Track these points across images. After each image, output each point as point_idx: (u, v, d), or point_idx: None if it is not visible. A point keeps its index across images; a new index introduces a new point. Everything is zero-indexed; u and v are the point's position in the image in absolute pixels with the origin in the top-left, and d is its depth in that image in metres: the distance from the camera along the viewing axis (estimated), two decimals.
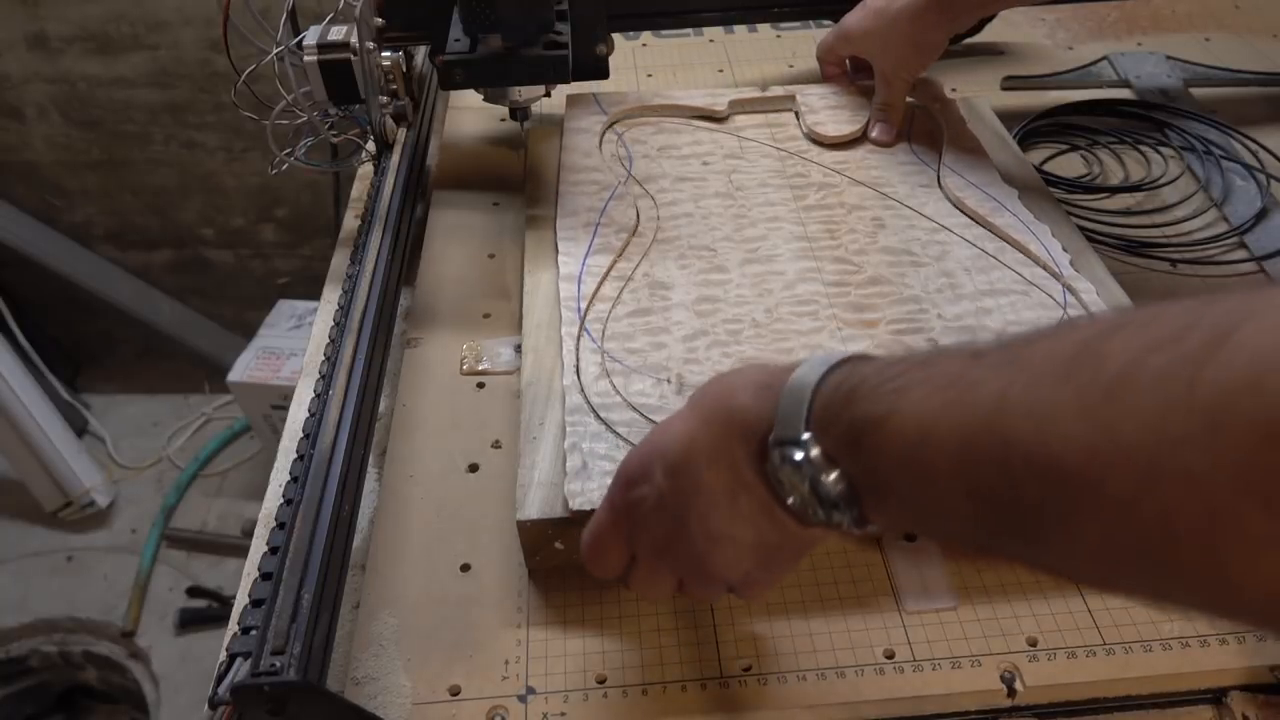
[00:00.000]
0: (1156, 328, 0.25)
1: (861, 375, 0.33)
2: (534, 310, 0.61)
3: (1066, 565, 0.29)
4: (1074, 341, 0.27)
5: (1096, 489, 0.25)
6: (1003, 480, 0.28)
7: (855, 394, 0.33)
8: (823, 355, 0.35)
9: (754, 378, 0.38)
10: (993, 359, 0.30)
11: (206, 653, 1.62)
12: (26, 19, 1.65)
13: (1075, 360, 0.27)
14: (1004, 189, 0.69)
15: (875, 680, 0.45)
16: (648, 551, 0.42)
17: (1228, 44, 0.96)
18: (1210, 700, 0.45)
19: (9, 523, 1.83)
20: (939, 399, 0.30)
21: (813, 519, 0.35)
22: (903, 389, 0.31)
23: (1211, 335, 0.24)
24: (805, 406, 0.34)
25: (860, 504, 0.33)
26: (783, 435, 0.34)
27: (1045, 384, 0.27)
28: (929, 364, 0.32)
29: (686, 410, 0.40)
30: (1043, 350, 0.28)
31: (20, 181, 1.85)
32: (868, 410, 0.32)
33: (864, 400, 0.32)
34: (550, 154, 0.75)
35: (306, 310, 1.76)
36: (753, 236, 0.66)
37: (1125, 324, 0.27)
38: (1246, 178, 0.78)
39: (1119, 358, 0.25)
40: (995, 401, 0.28)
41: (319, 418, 0.50)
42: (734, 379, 0.39)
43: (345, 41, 0.65)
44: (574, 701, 0.45)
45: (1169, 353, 0.24)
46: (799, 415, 0.34)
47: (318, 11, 0.71)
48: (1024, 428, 0.27)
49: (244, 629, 0.40)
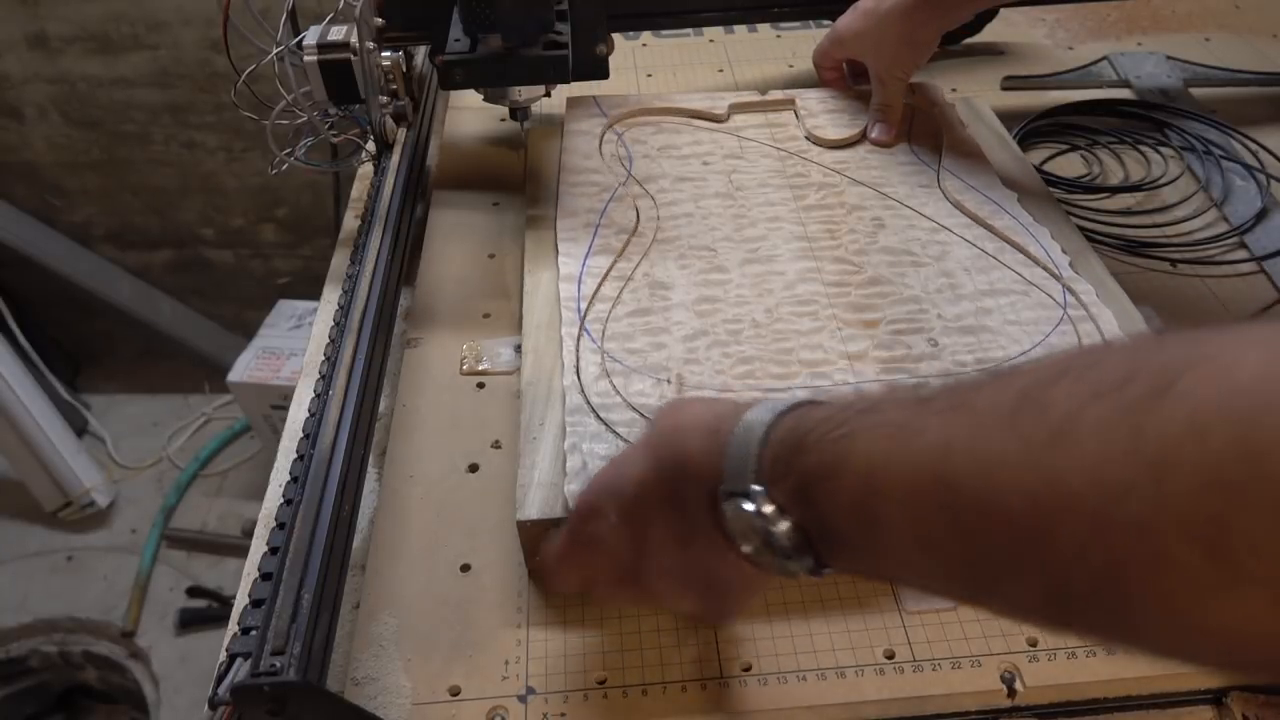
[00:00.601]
0: (1098, 375, 0.26)
1: (809, 424, 0.33)
2: (534, 310, 0.61)
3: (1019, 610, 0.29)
4: (1018, 389, 0.27)
5: (1044, 538, 0.26)
6: (951, 528, 0.28)
7: (803, 444, 0.33)
8: (769, 401, 0.35)
9: (703, 420, 0.38)
10: (938, 405, 0.30)
11: (206, 653, 1.62)
12: (26, 19, 1.65)
13: (1019, 408, 0.27)
14: (1003, 192, 0.69)
15: (875, 680, 0.45)
16: (604, 581, 0.43)
17: (1228, 44, 0.96)
18: (1210, 700, 0.45)
19: (9, 523, 1.83)
20: (885, 447, 0.30)
21: (768, 567, 0.35)
22: (850, 436, 0.31)
23: (1153, 385, 0.24)
24: (754, 457, 0.34)
25: (814, 552, 0.33)
26: (732, 487, 0.34)
27: (990, 432, 0.27)
28: (875, 410, 0.32)
29: (641, 448, 0.40)
30: (987, 397, 0.28)
31: (20, 181, 1.85)
32: (816, 461, 0.32)
33: (812, 450, 0.32)
34: (550, 154, 0.75)
35: (306, 310, 1.76)
36: (753, 236, 0.66)
37: (1067, 370, 0.27)
38: (1246, 178, 0.78)
39: (1062, 406, 0.26)
40: (940, 449, 0.28)
41: (319, 418, 0.50)
42: (684, 417, 0.39)
43: (345, 41, 0.65)
44: (574, 701, 0.45)
45: (1112, 401, 0.25)
46: (747, 466, 0.34)
47: (318, 11, 0.71)
48: (969, 475, 0.27)
49: (244, 629, 0.40)
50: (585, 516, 0.42)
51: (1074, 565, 0.25)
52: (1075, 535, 0.25)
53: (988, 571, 0.28)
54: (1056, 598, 0.26)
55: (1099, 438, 0.24)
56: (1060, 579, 0.26)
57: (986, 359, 0.56)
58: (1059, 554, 0.25)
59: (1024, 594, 0.27)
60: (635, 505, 0.39)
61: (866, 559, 0.33)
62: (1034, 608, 0.28)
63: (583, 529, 0.42)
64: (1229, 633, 0.23)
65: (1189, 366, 0.24)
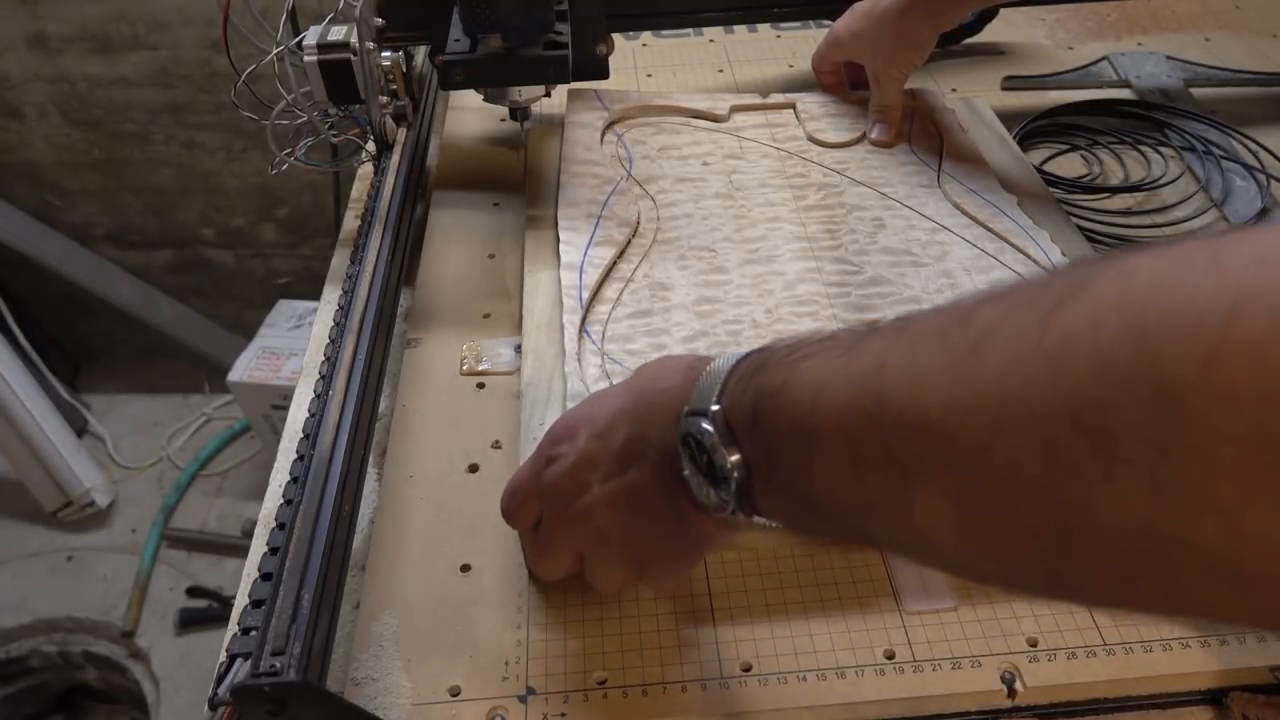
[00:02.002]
0: (1021, 292, 0.27)
1: (772, 349, 0.35)
2: (534, 310, 0.61)
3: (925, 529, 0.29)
4: (951, 312, 0.29)
5: (953, 438, 0.27)
6: (876, 437, 0.29)
7: (764, 365, 0.34)
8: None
9: (686, 361, 0.40)
10: (885, 329, 0.31)
11: (206, 653, 1.62)
12: (26, 19, 1.65)
13: (949, 326, 0.28)
14: (1003, 195, 0.69)
15: (875, 680, 0.45)
16: (552, 512, 0.43)
17: (1228, 44, 0.96)
18: (1210, 700, 0.45)
19: (9, 523, 1.83)
20: (830, 367, 0.32)
21: (699, 497, 0.36)
22: (803, 357, 0.33)
23: (1064, 293, 0.25)
24: (720, 381, 0.36)
25: (751, 488, 0.34)
26: (695, 406, 0.36)
27: (920, 348, 0.29)
28: (830, 338, 0.33)
29: (622, 385, 0.43)
30: (925, 320, 0.30)
31: (20, 181, 1.85)
32: (768, 380, 0.34)
33: (768, 371, 0.34)
34: (551, 154, 0.75)
35: (306, 310, 1.76)
36: (753, 237, 0.66)
37: (997, 293, 0.28)
38: (1246, 178, 0.78)
39: (985, 318, 0.27)
40: (877, 365, 0.30)
41: (319, 418, 0.50)
42: (669, 361, 0.42)
43: (345, 41, 0.65)
44: (574, 701, 0.45)
45: (1027, 310, 0.26)
46: (713, 389, 0.36)
47: (318, 11, 0.71)
48: (898, 386, 0.29)
49: (244, 629, 0.40)
50: (554, 441, 0.43)
51: (977, 465, 0.26)
52: (980, 434, 0.26)
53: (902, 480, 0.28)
54: (962, 505, 0.27)
55: (1009, 341, 0.26)
56: (965, 482, 0.27)
57: None
58: (965, 454, 0.26)
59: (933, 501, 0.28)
60: (606, 428, 0.41)
61: (800, 486, 0.33)
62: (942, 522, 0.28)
63: (547, 452, 0.43)
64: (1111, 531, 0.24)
65: (1096, 274, 0.25)
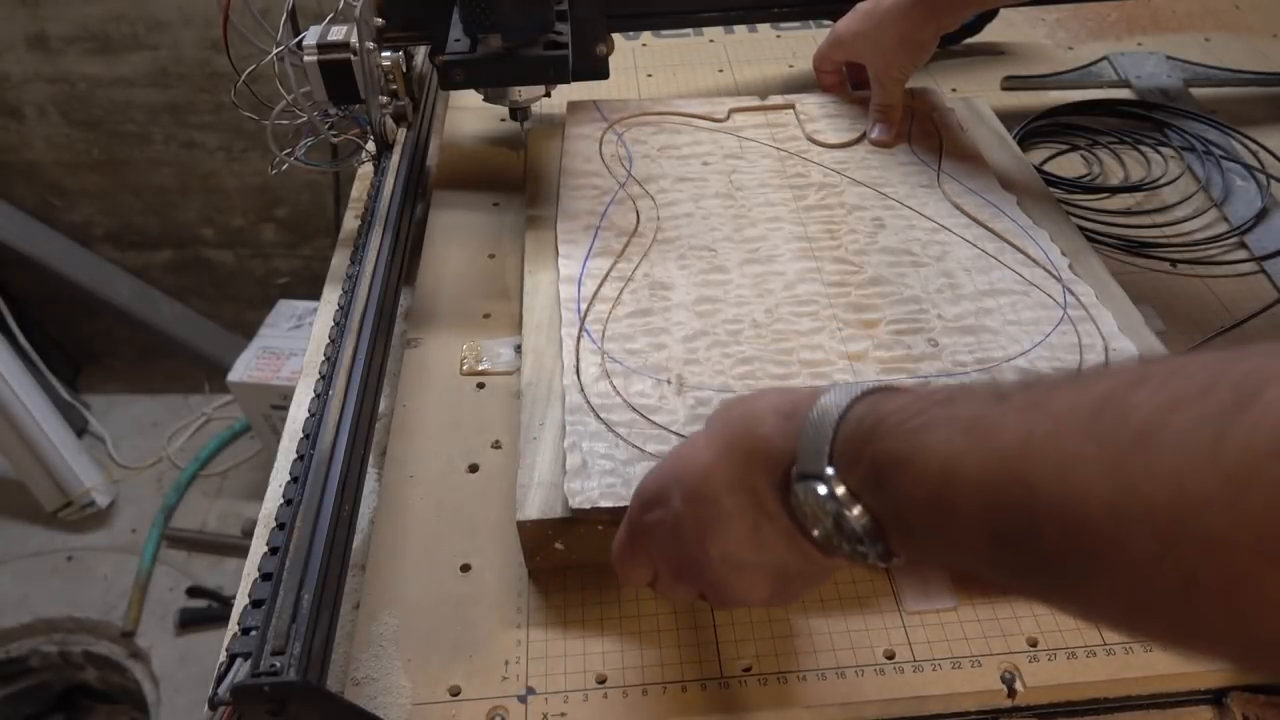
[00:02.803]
0: (1179, 383, 0.25)
1: (884, 411, 0.33)
2: (534, 310, 0.61)
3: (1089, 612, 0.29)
4: (1097, 393, 0.27)
5: (1118, 545, 0.25)
6: (1025, 525, 0.28)
7: (877, 431, 0.33)
8: (845, 385, 0.35)
9: (776, 405, 0.38)
10: (1016, 402, 0.30)
11: (206, 653, 1.62)
12: (26, 19, 1.65)
13: (1098, 412, 0.27)
14: (1002, 195, 0.69)
15: (875, 680, 0.45)
16: (666, 570, 0.42)
17: (1228, 44, 0.96)
18: (1210, 700, 0.45)
19: (9, 523, 1.83)
20: (962, 440, 0.30)
21: (837, 551, 0.35)
22: (925, 427, 0.31)
23: (1235, 396, 0.24)
24: (828, 441, 0.34)
25: (885, 539, 0.33)
26: (806, 469, 0.34)
27: (1068, 433, 0.27)
28: (951, 403, 0.31)
29: (706, 436, 0.40)
30: (1066, 398, 0.28)
31: (20, 181, 1.85)
32: (891, 448, 0.32)
33: (887, 437, 0.32)
34: (550, 154, 0.75)
35: (306, 310, 1.76)
36: (753, 237, 0.66)
37: (1149, 377, 0.26)
38: (1246, 178, 0.78)
39: (1142, 412, 0.25)
40: (1019, 446, 0.28)
41: (319, 418, 0.50)
42: (756, 404, 0.39)
43: (345, 41, 0.65)
44: (574, 701, 0.45)
45: (1192, 411, 0.24)
46: (822, 449, 0.34)
47: (318, 11, 0.71)
48: (1047, 475, 0.27)
49: (244, 629, 0.40)
50: (645, 505, 0.42)
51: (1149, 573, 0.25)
52: (1150, 544, 0.25)
53: (1062, 572, 0.28)
54: (1127, 602, 0.26)
55: (1178, 447, 0.24)
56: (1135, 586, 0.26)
57: (987, 359, 0.56)
58: (1134, 561, 0.25)
59: (1099, 597, 0.27)
60: (701, 489, 0.39)
61: (938, 550, 0.33)
62: (1108, 612, 0.28)
63: (641, 518, 0.42)
64: None
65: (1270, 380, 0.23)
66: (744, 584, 0.40)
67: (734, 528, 0.38)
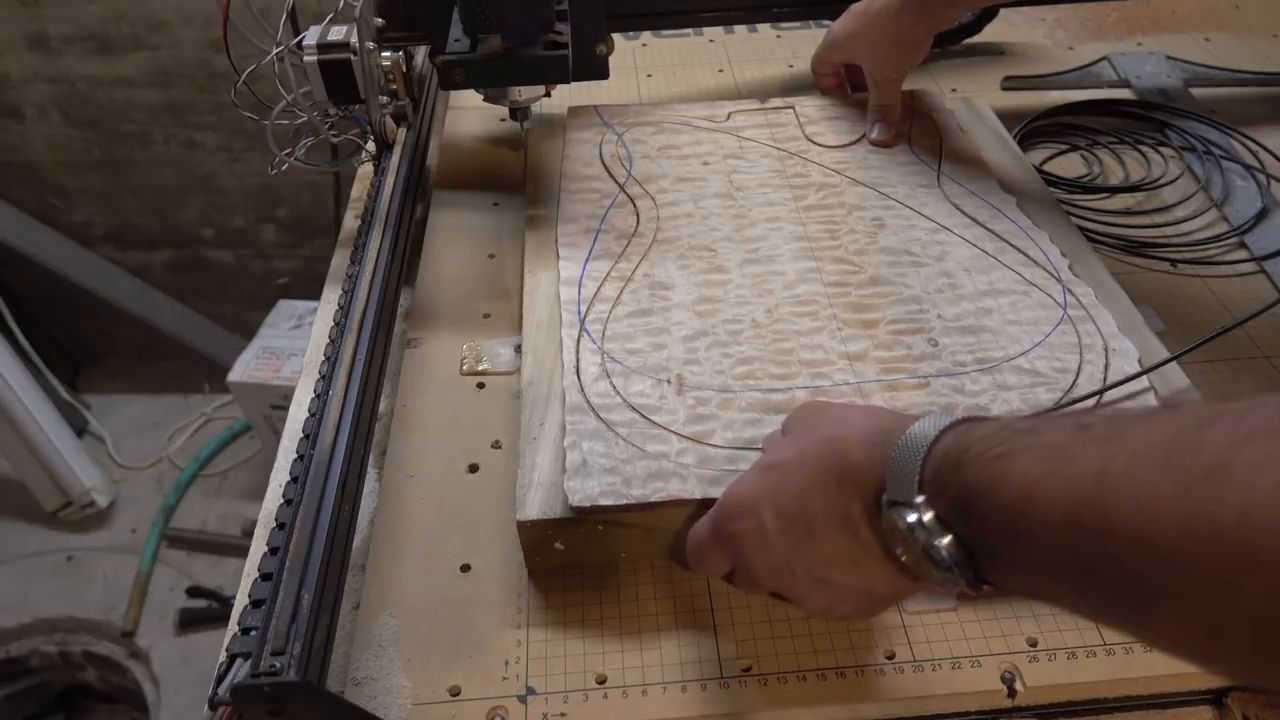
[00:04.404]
0: (1253, 420, 0.27)
1: (969, 441, 0.34)
2: (534, 310, 0.61)
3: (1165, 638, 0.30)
4: (1173, 429, 0.29)
5: (1189, 566, 0.26)
6: (1104, 551, 0.29)
7: (963, 460, 0.34)
8: (935, 416, 0.36)
9: (865, 431, 0.39)
10: (1096, 434, 0.31)
11: (206, 653, 1.62)
12: (26, 19, 1.65)
13: (1174, 446, 0.28)
14: (1002, 196, 0.69)
15: (875, 680, 0.45)
16: (747, 574, 0.43)
17: (1228, 44, 0.96)
18: (1210, 700, 0.45)
19: (9, 523, 1.83)
20: (1042, 469, 0.31)
21: (926, 577, 0.36)
22: (1007, 456, 0.32)
23: None
24: (917, 470, 0.35)
25: (975, 567, 0.34)
26: (895, 497, 0.36)
27: (1144, 462, 0.28)
28: (1034, 433, 0.33)
29: (795, 454, 0.41)
30: (1142, 432, 0.30)
31: (20, 181, 1.85)
32: (974, 477, 0.33)
33: (970, 467, 0.33)
34: (551, 154, 0.75)
35: (306, 310, 1.76)
36: (753, 237, 0.66)
37: (1224, 414, 0.28)
38: (1246, 178, 0.78)
39: (1215, 446, 0.27)
40: (1096, 475, 0.29)
41: (319, 418, 0.50)
42: (845, 429, 0.40)
43: (345, 41, 0.65)
44: (574, 701, 0.45)
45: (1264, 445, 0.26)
46: (911, 479, 0.35)
47: (318, 11, 0.71)
48: (1123, 500, 0.28)
49: (244, 629, 0.40)
50: (734, 515, 0.43)
51: (1220, 598, 0.26)
52: (1219, 567, 0.26)
53: (1137, 594, 0.28)
54: (1206, 629, 0.27)
55: (1247, 479, 0.26)
56: (1207, 609, 0.27)
57: (986, 359, 0.56)
58: (1205, 583, 0.26)
59: (1177, 625, 0.28)
60: (795, 512, 0.40)
61: (1021, 578, 0.33)
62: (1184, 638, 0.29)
63: (728, 527, 0.43)
64: None
65: None
66: (829, 599, 0.41)
67: (824, 550, 0.39)
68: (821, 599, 0.41)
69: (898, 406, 0.53)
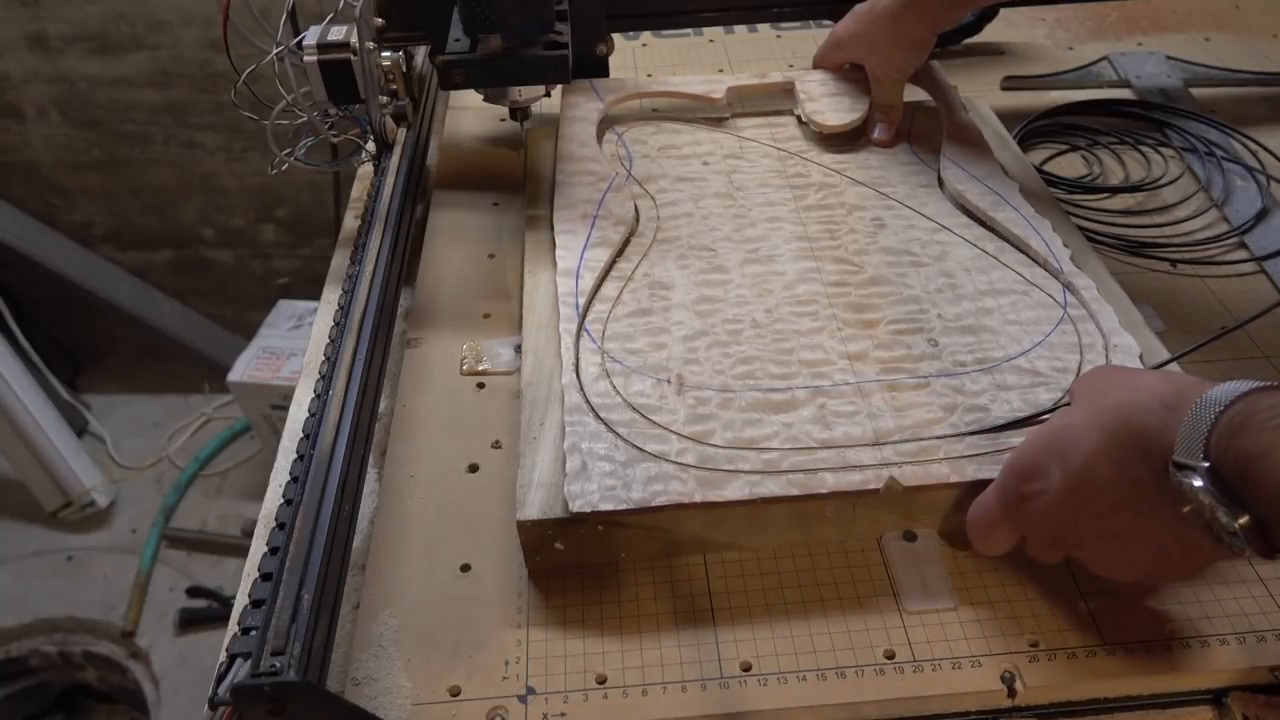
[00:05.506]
0: None
1: (1255, 408, 0.35)
2: (534, 310, 0.61)
3: None
4: None
5: None
6: None
7: (1245, 426, 0.35)
8: (1234, 383, 0.37)
9: (1160, 393, 0.40)
10: None
11: (206, 653, 1.62)
12: (26, 19, 1.65)
13: None
14: (1004, 181, 0.69)
15: (875, 680, 0.45)
16: (1038, 538, 0.45)
17: (1228, 44, 0.96)
18: (1210, 700, 0.45)
19: (9, 523, 1.83)
20: None
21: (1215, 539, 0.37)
22: None
23: None
24: (1204, 435, 0.36)
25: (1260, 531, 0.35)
26: (1183, 460, 0.37)
27: None
28: None
29: (1085, 417, 0.42)
30: None
31: (20, 181, 1.85)
32: (1249, 444, 0.34)
33: (1250, 433, 0.34)
34: (550, 154, 0.75)
35: (306, 310, 1.76)
36: (753, 236, 0.66)
37: None
38: (1246, 178, 0.78)
39: None
40: None
41: (319, 418, 0.50)
42: (1137, 394, 0.41)
43: (345, 41, 0.65)
44: (574, 701, 0.45)
45: None
46: (1198, 443, 0.36)
47: (318, 11, 0.71)
48: None
49: (244, 629, 0.40)
50: (1023, 477, 0.44)
51: None
52: None
53: None
54: None
55: None
56: None
57: (986, 359, 0.56)
58: None
59: None
60: (1084, 471, 0.41)
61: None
62: None
63: (1017, 489, 0.44)
64: None
65: None
66: (1123, 557, 0.42)
67: (1117, 511, 0.41)
68: (1116, 557, 0.42)
69: (897, 406, 0.53)
